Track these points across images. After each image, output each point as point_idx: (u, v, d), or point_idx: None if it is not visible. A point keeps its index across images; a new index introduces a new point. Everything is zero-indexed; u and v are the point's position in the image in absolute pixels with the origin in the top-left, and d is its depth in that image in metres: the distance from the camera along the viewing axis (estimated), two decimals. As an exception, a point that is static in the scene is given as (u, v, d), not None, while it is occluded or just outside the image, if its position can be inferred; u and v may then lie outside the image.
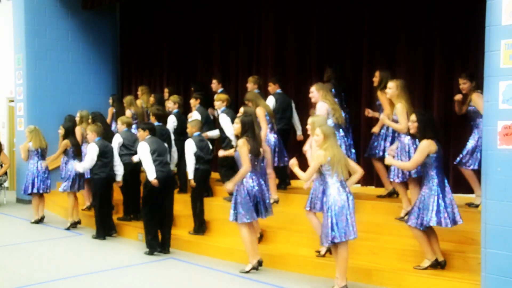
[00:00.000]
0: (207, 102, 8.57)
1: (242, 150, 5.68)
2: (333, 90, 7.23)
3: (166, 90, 9.77)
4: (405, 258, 5.54)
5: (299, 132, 7.80)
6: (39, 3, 10.76)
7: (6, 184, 11.19)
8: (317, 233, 5.93)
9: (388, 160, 5.45)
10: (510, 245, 4.26)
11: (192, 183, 6.93)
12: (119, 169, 7.67)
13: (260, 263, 5.87)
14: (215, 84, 8.72)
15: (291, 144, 7.99)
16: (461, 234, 5.55)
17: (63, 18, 11.08)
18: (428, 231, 5.22)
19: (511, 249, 4.26)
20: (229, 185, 5.78)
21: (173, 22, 10.77)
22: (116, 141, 7.79)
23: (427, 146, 5.12)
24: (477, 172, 6.08)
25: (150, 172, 6.58)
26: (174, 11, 10.76)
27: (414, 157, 5.19)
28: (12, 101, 11.98)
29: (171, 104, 8.40)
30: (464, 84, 6.11)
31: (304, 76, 8.41)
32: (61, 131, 8.49)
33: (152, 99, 9.27)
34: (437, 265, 5.25)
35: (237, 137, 5.89)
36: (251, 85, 8.00)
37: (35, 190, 8.62)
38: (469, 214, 5.65)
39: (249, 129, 5.77)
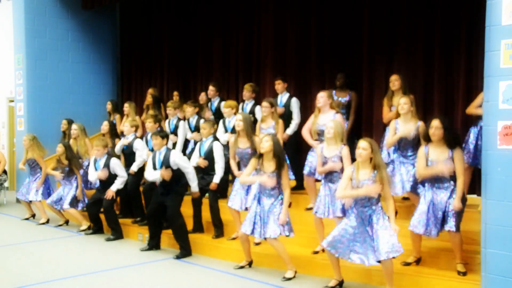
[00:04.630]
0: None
1: (287, 174, 5.66)
2: (348, 97, 7.33)
3: (175, 93, 9.72)
4: (405, 258, 5.53)
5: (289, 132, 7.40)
6: (39, 3, 10.76)
7: (6, 184, 11.19)
8: (319, 237, 5.94)
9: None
10: (510, 245, 4.27)
11: (215, 186, 6.83)
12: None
13: (250, 264, 6.05)
14: (212, 92, 8.54)
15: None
16: (462, 234, 5.53)
17: (63, 18, 11.08)
18: None
19: (511, 249, 4.26)
20: (283, 217, 5.55)
21: (173, 22, 10.77)
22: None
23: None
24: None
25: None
26: (174, 11, 10.76)
27: (462, 168, 5.09)
28: (12, 101, 11.98)
29: (172, 111, 8.35)
30: None
31: (304, 76, 8.41)
32: (61, 149, 8.35)
33: (150, 100, 9.22)
34: (417, 262, 5.46)
35: (260, 155, 5.62)
36: (248, 94, 7.88)
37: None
38: (469, 214, 5.64)
39: (280, 147, 5.69)
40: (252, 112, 7.73)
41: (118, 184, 7.53)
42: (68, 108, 10.40)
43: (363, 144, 4.91)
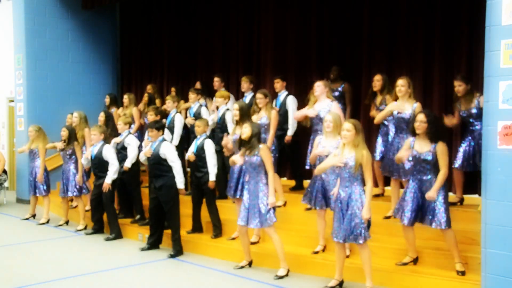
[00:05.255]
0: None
1: (269, 155, 5.66)
2: (340, 88, 7.33)
3: (173, 89, 9.78)
4: (401, 258, 5.54)
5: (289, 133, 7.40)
6: (39, 3, 10.76)
7: (6, 184, 11.19)
8: (319, 232, 5.97)
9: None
10: (510, 245, 4.27)
11: (212, 184, 6.84)
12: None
13: (250, 264, 6.04)
14: (218, 83, 8.62)
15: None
16: (461, 234, 5.54)
17: (63, 18, 11.09)
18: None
19: (511, 249, 4.26)
20: (271, 199, 5.62)
21: (173, 21, 10.78)
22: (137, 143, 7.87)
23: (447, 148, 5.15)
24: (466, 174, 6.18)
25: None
26: (174, 11, 10.76)
27: (445, 162, 5.13)
28: (12, 101, 11.99)
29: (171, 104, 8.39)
30: (459, 86, 6.08)
31: (304, 76, 8.40)
32: (65, 132, 8.42)
33: (146, 98, 9.24)
34: (414, 261, 5.47)
35: (243, 142, 5.75)
36: (246, 85, 7.95)
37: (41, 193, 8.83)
38: (469, 214, 5.66)
39: (260, 134, 5.76)
40: (251, 103, 7.77)
41: (111, 175, 7.52)
42: (68, 108, 10.34)
43: (347, 126, 5.03)
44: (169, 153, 6.68)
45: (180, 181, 6.71)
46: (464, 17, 6.75)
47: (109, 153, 7.58)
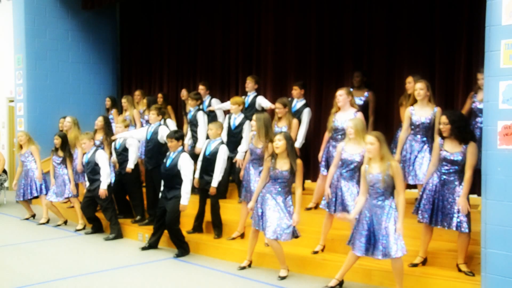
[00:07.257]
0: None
1: (302, 171, 5.57)
2: (364, 97, 7.20)
3: (160, 95, 9.77)
4: (404, 258, 5.51)
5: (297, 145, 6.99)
6: (39, 3, 10.76)
7: (6, 184, 11.18)
8: (323, 233, 5.99)
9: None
10: (510, 245, 4.27)
11: (213, 190, 6.77)
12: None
13: (249, 264, 6.04)
14: (203, 91, 8.58)
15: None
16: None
17: (63, 18, 11.09)
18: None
19: (511, 249, 4.26)
20: (297, 217, 5.53)
21: (173, 22, 10.78)
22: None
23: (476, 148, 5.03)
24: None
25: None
26: (174, 11, 10.76)
27: (472, 163, 5.02)
28: (12, 101, 11.99)
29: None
30: (482, 80, 5.88)
31: (304, 77, 8.40)
32: (58, 140, 8.37)
33: (145, 101, 9.22)
34: (423, 262, 5.41)
35: (274, 155, 5.56)
36: (251, 84, 7.93)
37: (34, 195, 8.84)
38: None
39: (293, 146, 5.64)
40: (253, 103, 7.78)
41: (104, 179, 7.53)
42: (68, 108, 10.40)
43: (370, 139, 4.87)
44: (185, 166, 6.53)
45: (186, 197, 6.53)
46: (464, 17, 6.75)
47: (101, 158, 7.58)
